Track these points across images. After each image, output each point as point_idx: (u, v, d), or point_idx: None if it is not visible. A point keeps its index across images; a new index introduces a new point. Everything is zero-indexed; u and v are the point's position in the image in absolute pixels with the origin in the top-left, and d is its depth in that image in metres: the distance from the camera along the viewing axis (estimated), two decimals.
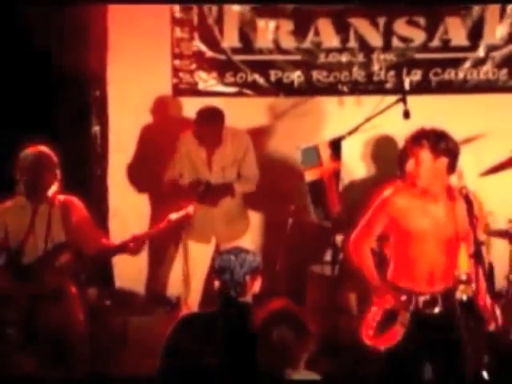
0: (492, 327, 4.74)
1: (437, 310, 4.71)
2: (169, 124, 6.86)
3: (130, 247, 5.28)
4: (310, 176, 6.39)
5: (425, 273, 4.71)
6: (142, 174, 6.95)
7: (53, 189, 5.25)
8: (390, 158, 6.37)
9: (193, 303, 5.99)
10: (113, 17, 6.78)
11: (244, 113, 6.86)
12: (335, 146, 6.29)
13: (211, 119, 6.01)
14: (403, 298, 4.73)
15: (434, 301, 4.71)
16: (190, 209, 5.38)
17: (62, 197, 5.34)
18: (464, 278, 4.89)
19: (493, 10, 6.87)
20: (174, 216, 5.34)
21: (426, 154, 4.69)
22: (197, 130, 6.07)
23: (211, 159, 6.11)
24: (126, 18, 6.75)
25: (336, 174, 6.33)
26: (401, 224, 4.73)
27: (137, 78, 6.75)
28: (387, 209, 4.77)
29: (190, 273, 6.17)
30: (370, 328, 4.77)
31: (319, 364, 4.15)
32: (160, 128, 6.89)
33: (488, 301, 4.74)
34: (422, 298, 4.71)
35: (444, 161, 4.67)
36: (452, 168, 4.70)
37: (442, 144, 4.69)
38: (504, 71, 6.97)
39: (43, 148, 5.31)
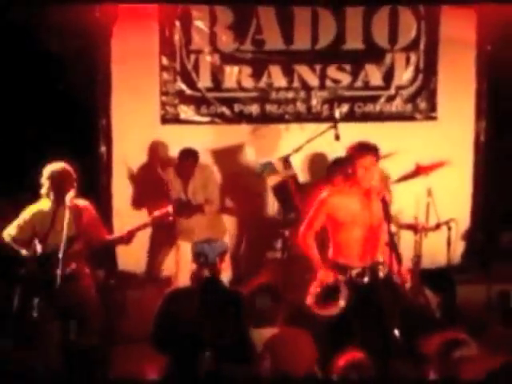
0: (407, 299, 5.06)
1: (366, 279, 4.84)
2: (156, 146, 6.95)
3: (124, 239, 5.49)
4: (272, 181, 6.53)
5: (355, 251, 4.87)
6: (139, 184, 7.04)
7: (71, 195, 5.33)
8: (322, 169, 6.55)
9: (182, 282, 5.83)
10: (115, 66, 6.82)
11: (217, 136, 7.02)
12: (285, 160, 6.47)
13: (188, 157, 6.40)
14: (341, 277, 4.77)
15: (363, 273, 4.84)
16: (170, 208, 5.49)
17: (77, 201, 5.47)
18: (381, 259, 4.89)
19: (400, 59, 7.07)
20: (156, 213, 5.50)
21: (372, 160, 4.77)
22: (177, 165, 6.48)
23: (186, 187, 6.49)
24: (126, 65, 6.77)
25: (294, 177, 6.43)
26: (335, 216, 4.90)
27: (134, 110, 6.86)
28: (324, 207, 4.92)
29: (180, 261, 6.31)
30: (312, 298, 4.81)
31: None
32: (150, 151, 6.96)
33: (399, 279, 4.87)
34: (354, 271, 4.83)
35: (378, 166, 4.84)
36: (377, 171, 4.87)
37: (379, 152, 4.85)
38: (409, 105, 7.14)
39: (65, 165, 5.51)
